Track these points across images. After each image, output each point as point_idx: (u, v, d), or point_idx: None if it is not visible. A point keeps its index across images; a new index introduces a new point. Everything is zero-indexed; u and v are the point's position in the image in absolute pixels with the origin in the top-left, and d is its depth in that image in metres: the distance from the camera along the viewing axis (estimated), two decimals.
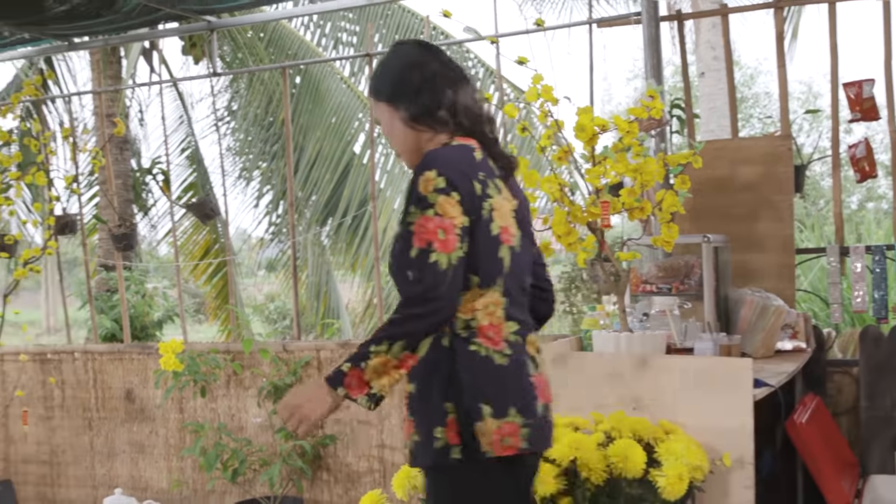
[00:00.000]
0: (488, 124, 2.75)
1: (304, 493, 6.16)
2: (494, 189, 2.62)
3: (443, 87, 2.69)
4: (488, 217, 2.58)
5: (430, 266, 2.44)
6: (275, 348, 6.29)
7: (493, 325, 2.60)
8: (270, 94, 10.87)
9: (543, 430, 2.66)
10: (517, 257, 2.67)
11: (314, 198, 10.55)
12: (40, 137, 6.93)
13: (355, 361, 2.47)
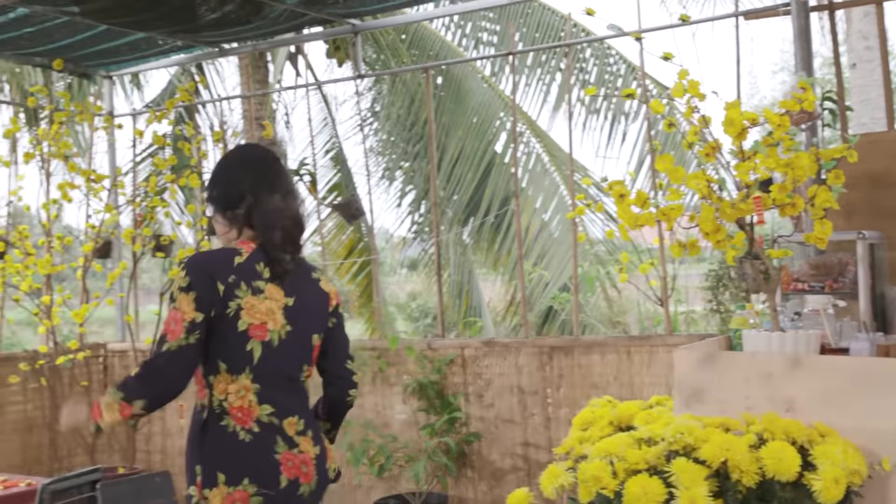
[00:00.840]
0: (284, 232, 3.06)
1: (448, 489, 6.20)
2: (247, 291, 2.97)
3: (245, 190, 3.07)
4: (234, 314, 2.94)
5: (162, 349, 2.90)
6: (420, 346, 6.35)
7: (243, 408, 2.97)
8: (412, 94, 10.98)
9: (285, 501, 2.97)
10: (274, 350, 3.01)
11: (456, 197, 10.61)
12: (193, 141, 7.17)
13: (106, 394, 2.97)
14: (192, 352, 2.91)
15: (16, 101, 9.20)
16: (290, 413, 3.04)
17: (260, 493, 2.92)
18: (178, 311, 2.90)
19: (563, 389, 5.89)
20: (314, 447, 3.09)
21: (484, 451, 6.17)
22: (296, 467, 3.00)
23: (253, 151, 3.32)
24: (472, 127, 10.55)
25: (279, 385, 3.04)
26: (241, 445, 2.95)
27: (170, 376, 2.92)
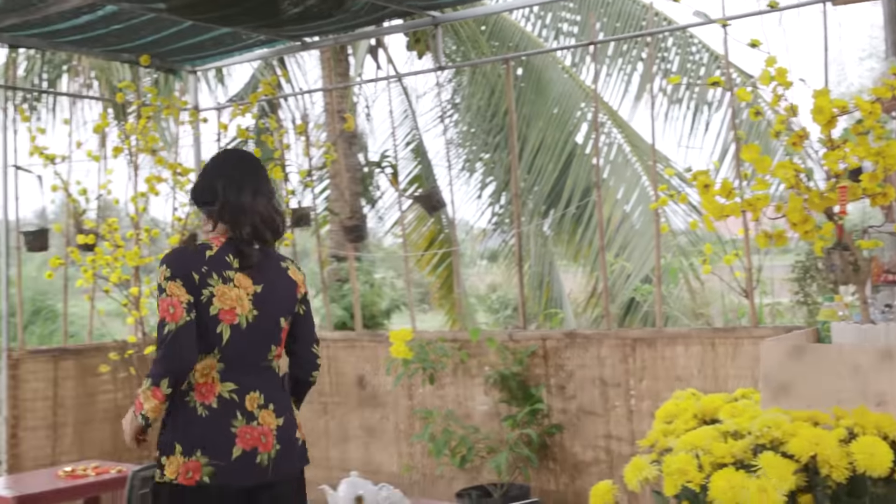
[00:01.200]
0: (253, 227, 3.42)
1: (530, 481, 6.19)
2: (218, 280, 3.35)
3: (217, 190, 3.45)
4: (207, 300, 3.32)
5: (165, 331, 3.26)
6: (501, 337, 6.35)
7: (207, 384, 3.34)
8: (493, 85, 10.97)
9: (239, 471, 3.32)
10: (240, 334, 3.37)
11: (536, 188, 10.58)
12: (276, 134, 7.26)
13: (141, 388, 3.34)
14: (193, 327, 3.29)
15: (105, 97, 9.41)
16: (252, 389, 3.40)
17: (211, 463, 3.28)
18: (173, 296, 3.29)
19: (645, 381, 5.85)
20: (276, 419, 3.43)
21: (566, 442, 6.15)
22: (254, 439, 3.36)
23: (228, 155, 3.86)
24: (553, 118, 10.50)
25: (244, 364, 3.41)
26: (198, 420, 3.32)
27: (181, 351, 3.28)
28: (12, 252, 7.05)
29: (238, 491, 3.37)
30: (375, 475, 6.77)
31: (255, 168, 3.59)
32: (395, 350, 5.97)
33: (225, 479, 3.30)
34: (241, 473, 3.33)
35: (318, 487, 4.64)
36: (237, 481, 3.34)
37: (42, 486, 5.27)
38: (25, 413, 6.87)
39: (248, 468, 3.35)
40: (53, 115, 10.83)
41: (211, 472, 3.28)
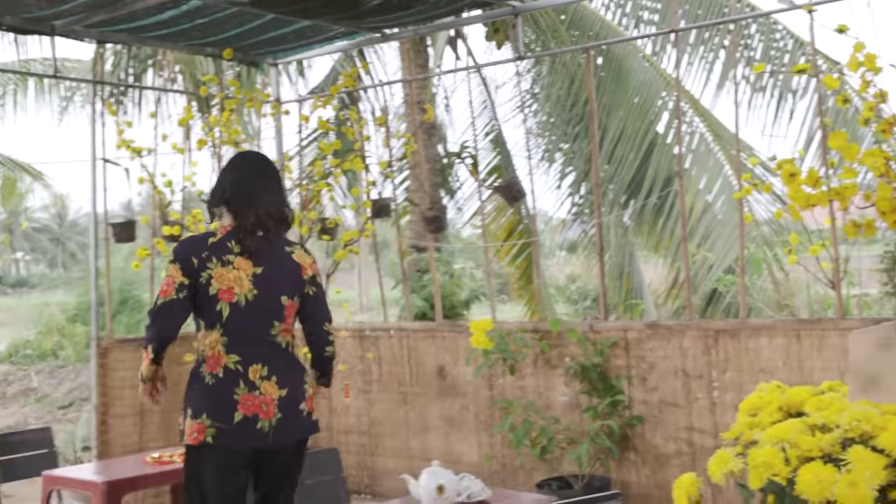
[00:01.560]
0: (257, 217, 3.88)
1: (611, 472, 6.16)
2: (217, 262, 3.80)
3: (227, 186, 3.98)
4: (206, 282, 3.78)
5: (157, 303, 3.80)
6: (581, 328, 6.32)
7: (214, 356, 3.80)
8: (572, 75, 10.90)
9: (239, 434, 3.74)
10: (239, 311, 3.81)
11: (617, 178, 10.49)
12: (356, 125, 7.31)
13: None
14: (179, 305, 3.79)
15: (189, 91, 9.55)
16: (255, 361, 3.81)
17: (213, 425, 3.73)
18: (170, 276, 3.80)
19: (728, 373, 5.78)
20: (279, 390, 3.83)
21: (647, 434, 6.11)
22: (255, 406, 3.77)
23: (238, 156, 4.40)
24: (634, 107, 10.40)
25: (246, 338, 3.83)
26: (206, 387, 3.78)
27: (162, 321, 3.80)
28: (101, 243, 7.21)
29: (240, 453, 3.81)
30: (456, 465, 6.79)
31: (263, 167, 4.10)
32: (475, 340, 5.98)
33: (226, 440, 3.74)
34: (242, 436, 3.76)
35: (400, 477, 4.68)
36: (237, 443, 3.77)
37: (130, 472, 5.38)
38: (114, 401, 7.03)
39: (249, 432, 3.75)
40: (139, 109, 11.05)
41: (213, 433, 3.73)
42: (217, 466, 3.80)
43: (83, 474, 5.46)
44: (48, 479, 5.42)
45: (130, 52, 10.27)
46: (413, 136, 7.36)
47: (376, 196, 7.16)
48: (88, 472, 5.58)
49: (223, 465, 3.80)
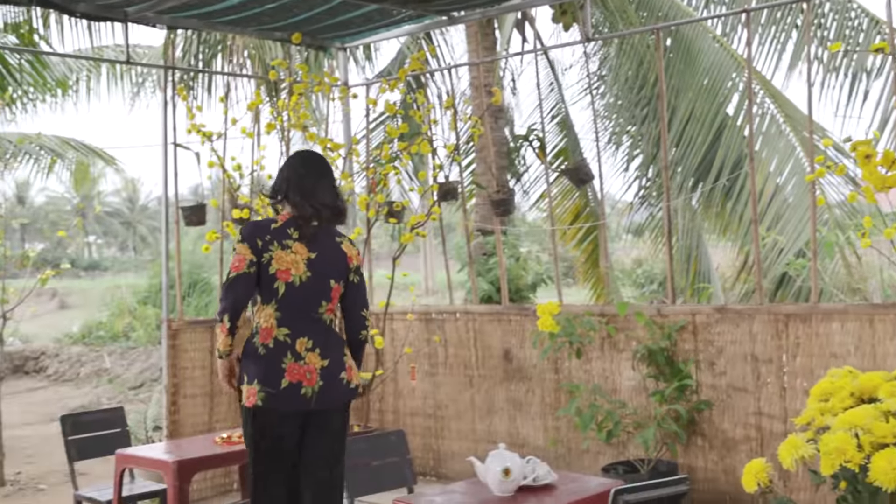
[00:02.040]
0: (319, 207, 4.36)
1: (678, 457, 6.13)
2: (277, 246, 4.30)
3: (287, 181, 4.45)
4: (267, 262, 4.27)
5: (231, 276, 4.26)
6: (649, 312, 6.28)
7: (266, 329, 4.28)
8: (641, 57, 10.78)
9: (286, 398, 4.22)
10: (294, 290, 4.30)
11: (685, 161, 10.37)
12: (423, 109, 7.31)
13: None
14: (249, 279, 4.25)
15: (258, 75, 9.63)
16: (302, 335, 4.29)
17: (263, 390, 4.21)
18: (240, 254, 4.27)
19: (799, 358, 5.70)
20: (321, 360, 4.30)
21: (715, 419, 6.06)
22: (300, 374, 4.24)
23: (297, 154, 4.68)
24: (703, 88, 10.26)
25: (297, 315, 4.30)
26: (258, 356, 4.26)
27: (236, 292, 4.25)
28: (171, 227, 7.33)
29: (287, 415, 4.30)
30: (521, 448, 6.82)
31: (318, 164, 4.56)
32: (542, 324, 5.97)
33: (274, 403, 4.23)
34: (288, 401, 4.24)
35: (466, 459, 4.70)
36: (284, 406, 4.26)
37: (200, 452, 5.48)
38: (184, 381, 7.15)
39: (294, 397, 4.24)
40: (209, 94, 11.17)
41: (263, 396, 4.22)
42: (267, 426, 4.30)
43: (155, 453, 5.57)
44: (121, 458, 5.53)
45: (200, 38, 10.38)
46: (480, 119, 7.35)
47: (443, 179, 7.16)
48: (160, 451, 5.69)
49: (272, 425, 4.29)
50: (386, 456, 4.93)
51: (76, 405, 13.39)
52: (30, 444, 10.60)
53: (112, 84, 13.71)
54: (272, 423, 4.29)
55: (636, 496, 3.47)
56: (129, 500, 5.75)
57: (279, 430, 4.31)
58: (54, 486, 8.40)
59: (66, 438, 5.87)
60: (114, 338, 17.85)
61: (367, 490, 4.78)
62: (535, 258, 12.74)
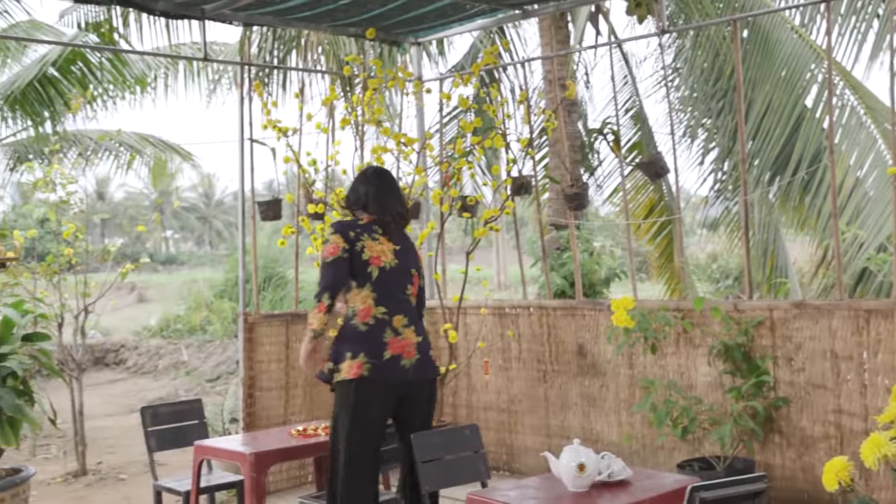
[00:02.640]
0: (393, 214, 5.02)
1: (755, 454, 6.05)
2: (368, 237, 4.88)
3: (366, 194, 5.07)
4: (360, 250, 4.83)
5: (328, 261, 4.81)
6: (725, 307, 6.20)
7: (364, 309, 4.80)
8: (716, 48, 10.64)
9: (389, 369, 4.74)
10: (386, 274, 4.87)
11: (762, 154, 10.21)
12: (496, 103, 7.30)
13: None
14: (344, 262, 4.80)
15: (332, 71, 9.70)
16: (398, 313, 4.85)
17: (369, 361, 4.70)
18: (333, 243, 4.82)
19: (881, 355, 5.58)
20: (416, 336, 4.88)
21: (793, 416, 5.97)
22: (399, 347, 4.78)
23: (369, 170, 5.27)
24: (780, 80, 10.08)
25: (390, 295, 4.86)
26: (360, 333, 4.77)
27: (334, 273, 4.78)
28: (247, 221, 7.41)
29: (390, 385, 4.77)
30: (595, 444, 6.79)
31: (389, 178, 5.22)
32: (616, 318, 5.93)
33: (378, 374, 4.70)
34: (390, 372, 4.73)
35: (541, 454, 4.69)
36: (387, 377, 4.73)
37: (276, 444, 5.54)
38: (260, 374, 7.24)
39: (395, 369, 4.74)
40: (283, 90, 11.28)
41: (369, 367, 4.69)
42: (369, 395, 4.73)
43: (232, 445, 5.64)
44: (200, 449, 5.62)
45: (276, 35, 10.49)
46: (554, 113, 7.32)
47: (516, 174, 7.15)
48: (236, 443, 5.77)
49: (374, 394, 4.74)
50: (459, 450, 4.94)
51: (154, 397, 13.64)
52: (110, 435, 10.83)
53: (189, 81, 13.94)
54: (375, 392, 4.74)
55: (713, 493, 3.43)
56: (206, 491, 5.85)
57: (380, 400, 4.77)
58: (134, 475, 8.57)
59: (146, 429, 5.97)
60: (191, 331, 18.14)
61: (441, 484, 4.80)
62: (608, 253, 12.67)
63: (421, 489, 4.72)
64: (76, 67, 12.09)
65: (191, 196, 65.92)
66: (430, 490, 4.72)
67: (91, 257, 8.78)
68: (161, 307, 23.57)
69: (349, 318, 4.82)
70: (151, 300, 30.51)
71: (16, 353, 6.29)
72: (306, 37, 9.13)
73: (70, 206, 8.77)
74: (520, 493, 4.22)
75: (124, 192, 62.08)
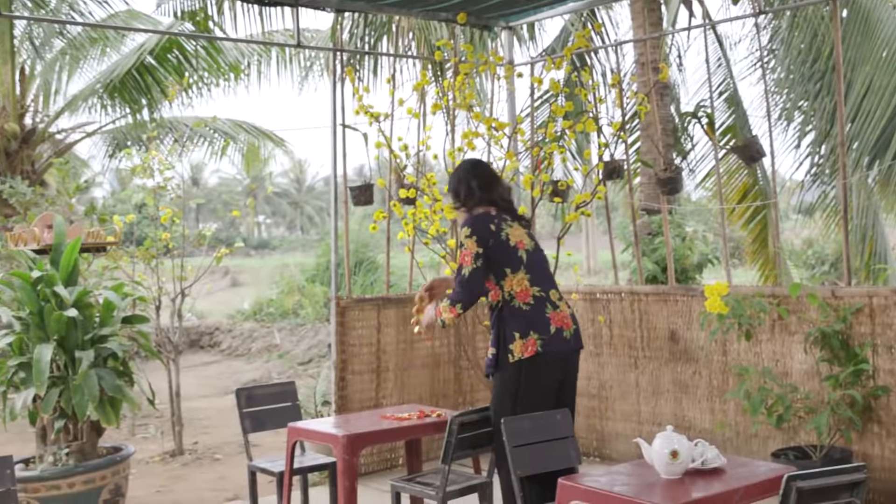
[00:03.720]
0: (504, 199, 5.25)
1: (852, 444, 5.92)
2: (507, 226, 5.09)
3: (477, 185, 5.23)
4: (506, 238, 5.03)
5: (464, 273, 5.00)
6: (823, 294, 6.08)
7: (522, 290, 5.00)
8: (814, 29, 10.39)
9: (557, 342, 4.95)
10: (532, 256, 5.10)
11: (861, 137, 9.96)
12: (588, 87, 7.24)
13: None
14: (480, 273, 4.99)
15: (423, 56, 9.73)
16: (550, 288, 5.11)
17: (540, 338, 4.92)
18: (467, 249, 4.99)
19: None
20: (568, 309, 5.13)
21: (893, 406, 5.83)
22: (559, 320, 5.01)
23: (477, 164, 5.46)
24: (881, 61, 9.81)
25: (540, 274, 5.10)
26: (524, 313, 4.98)
27: (473, 287, 5.01)
28: (339, 206, 7.48)
29: (557, 356, 4.99)
30: (687, 431, 6.72)
31: (487, 167, 5.46)
32: (710, 304, 5.85)
33: (548, 347, 4.93)
34: (557, 343, 4.97)
35: (633, 440, 4.66)
36: (555, 348, 4.96)
37: (368, 427, 5.58)
38: (352, 358, 7.31)
39: (560, 340, 4.99)
40: (374, 75, 11.35)
41: (541, 343, 4.91)
42: (542, 370, 4.95)
43: (325, 427, 5.70)
44: (293, 431, 5.69)
45: (367, 20, 10.55)
46: (646, 96, 7.24)
47: (608, 158, 7.09)
48: (329, 425, 5.82)
49: (546, 368, 4.96)
50: (550, 434, 4.92)
51: (248, 379, 13.89)
52: (206, 416, 11.06)
53: (281, 68, 14.11)
54: (547, 367, 4.97)
55: (810, 483, 3.36)
56: (299, 472, 5.93)
57: (552, 373, 5.01)
58: (229, 455, 8.74)
59: (240, 411, 6.07)
60: (283, 314, 18.40)
61: (532, 469, 4.78)
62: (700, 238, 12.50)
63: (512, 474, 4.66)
64: (172, 55, 12.33)
65: (282, 182, 66.82)
66: (522, 475, 4.71)
67: (187, 242, 8.96)
68: (254, 291, 23.95)
69: (507, 300, 5.01)
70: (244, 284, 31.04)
71: (116, 334, 6.45)
72: (397, 22, 9.15)
73: (167, 192, 8.95)
74: (610, 479, 4.18)
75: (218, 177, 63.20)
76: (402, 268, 12.75)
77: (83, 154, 18.16)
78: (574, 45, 7.18)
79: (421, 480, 5.33)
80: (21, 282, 6.22)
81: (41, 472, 6.05)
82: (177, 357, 8.82)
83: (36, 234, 6.71)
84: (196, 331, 17.54)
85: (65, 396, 6.09)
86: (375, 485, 6.98)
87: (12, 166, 12.28)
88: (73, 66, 13.24)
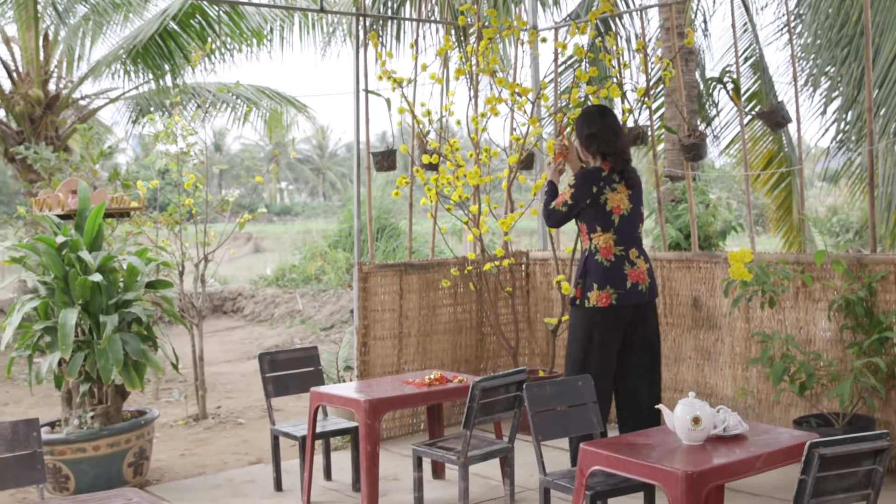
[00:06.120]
0: (623, 157, 5.72)
1: (875, 412, 5.91)
2: (609, 189, 5.62)
3: (600, 136, 5.72)
4: (603, 202, 5.60)
5: (551, 205, 5.80)
6: (848, 261, 6.04)
7: (606, 247, 5.61)
8: None
9: (631, 295, 5.62)
10: (624, 219, 5.64)
11: (889, 102, 9.85)
12: (613, 52, 7.18)
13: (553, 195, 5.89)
14: (563, 213, 5.73)
15: (447, 21, 9.68)
16: (631, 247, 5.67)
17: (616, 291, 5.58)
18: (563, 195, 5.73)
19: None
20: (645, 264, 5.71)
21: None
22: (636, 276, 5.64)
23: (595, 109, 5.93)
24: None
25: (627, 235, 5.67)
26: (604, 268, 5.61)
27: (554, 217, 5.80)
28: (362, 172, 7.48)
29: (630, 307, 5.63)
30: (709, 397, 6.73)
31: (614, 117, 5.84)
32: (733, 271, 5.82)
33: (623, 300, 5.59)
34: (632, 297, 5.62)
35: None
36: (630, 301, 5.62)
37: (390, 392, 5.61)
38: (374, 323, 7.33)
39: (635, 293, 5.63)
40: (397, 41, 11.29)
41: (616, 296, 5.58)
42: (613, 319, 5.61)
43: (347, 392, 5.73)
44: (315, 395, 5.73)
45: None
46: (671, 62, 7.18)
47: (632, 124, 7.05)
48: (351, 390, 5.85)
49: (617, 317, 5.61)
50: (572, 400, 4.93)
51: (270, 344, 13.96)
52: (229, 380, 11.13)
53: (304, 33, 14.04)
54: (618, 316, 5.60)
55: (833, 450, 3.36)
56: (322, 437, 5.98)
57: (620, 322, 5.62)
58: (252, 420, 8.80)
59: (263, 376, 6.12)
60: (306, 280, 18.46)
61: (554, 434, 4.80)
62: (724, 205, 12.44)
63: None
64: (195, 21, 12.31)
65: (305, 148, 66.86)
66: (543, 440, 4.72)
67: (210, 207, 8.98)
68: (276, 257, 24.04)
69: (592, 252, 5.63)
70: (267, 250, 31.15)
71: (140, 299, 6.50)
72: None
73: (190, 158, 8.96)
74: (632, 446, 4.20)
75: (240, 143, 63.34)
76: (425, 234, 12.76)
77: (107, 120, 18.23)
78: (598, 10, 7.12)
79: (443, 445, 5.36)
80: (46, 247, 6.26)
81: (67, 435, 6.12)
82: (200, 322, 8.87)
83: (60, 200, 6.75)
84: (219, 296, 17.62)
85: (90, 360, 6.15)
86: (397, 449, 7.02)
87: (36, 132, 12.34)
88: (96, 31, 13.25)
